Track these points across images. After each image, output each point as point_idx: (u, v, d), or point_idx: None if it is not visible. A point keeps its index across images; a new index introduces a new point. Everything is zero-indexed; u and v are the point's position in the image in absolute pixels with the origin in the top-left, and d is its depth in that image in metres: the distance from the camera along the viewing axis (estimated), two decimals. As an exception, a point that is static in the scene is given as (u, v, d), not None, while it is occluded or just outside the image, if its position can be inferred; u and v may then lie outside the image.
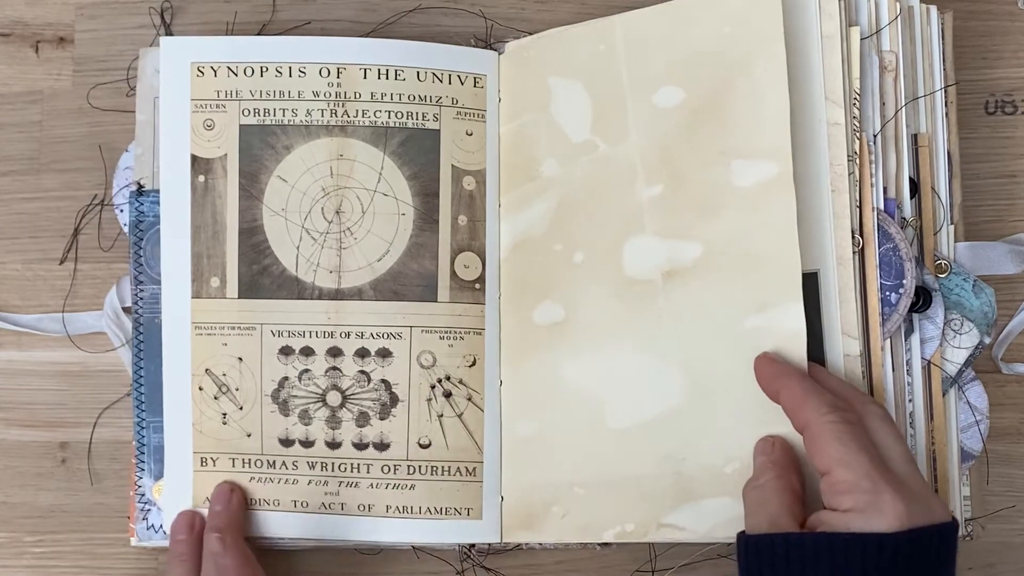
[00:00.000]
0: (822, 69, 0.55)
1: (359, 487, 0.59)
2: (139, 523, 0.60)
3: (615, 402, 0.57)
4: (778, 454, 0.52)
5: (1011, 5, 0.64)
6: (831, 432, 0.48)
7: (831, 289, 0.54)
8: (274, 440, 0.59)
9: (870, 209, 0.55)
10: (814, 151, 0.54)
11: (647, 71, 0.57)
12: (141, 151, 0.61)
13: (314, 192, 0.60)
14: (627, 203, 0.57)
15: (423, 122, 0.60)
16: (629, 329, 0.57)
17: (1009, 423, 0.61)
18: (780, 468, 0.51)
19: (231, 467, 0.59)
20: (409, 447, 0.59)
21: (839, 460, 0.47)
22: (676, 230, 0.56)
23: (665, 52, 0.57)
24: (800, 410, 0.50)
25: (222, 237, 0.60)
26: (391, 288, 0.59)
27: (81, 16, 0.64)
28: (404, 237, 0.60)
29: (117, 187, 0.62)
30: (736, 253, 0.54)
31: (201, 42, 0.60)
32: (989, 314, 0.58)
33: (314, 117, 0.60)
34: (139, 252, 0.60)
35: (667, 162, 0.56)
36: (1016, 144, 0.63)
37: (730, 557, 0.58)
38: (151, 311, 0.60)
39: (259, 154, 0.60)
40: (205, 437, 0.59)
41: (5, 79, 0.64)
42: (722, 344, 0.54)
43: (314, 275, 0.60)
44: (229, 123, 0.60)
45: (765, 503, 0.50)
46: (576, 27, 0.60)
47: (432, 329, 0.59)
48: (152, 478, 0.59)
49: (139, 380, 0.60)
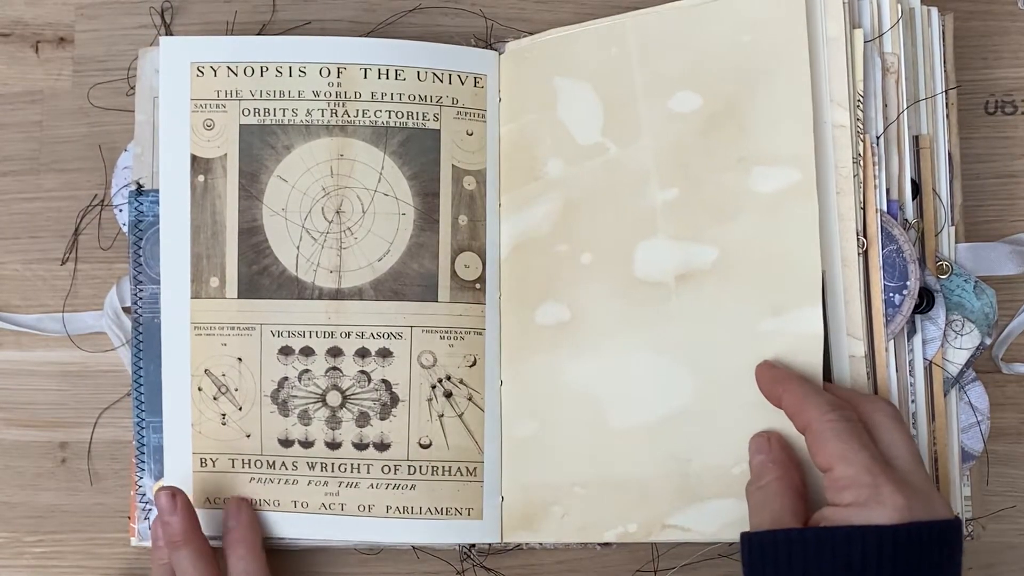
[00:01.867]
0: (827, 72, 0.55)
1: (359, 487, 0.59)
2: (140, 523, 0.60)
3: (619, 402, 0.57)
4: (776, 452, 0.52)
5: (1011, 5, 0.64)
6: (831, 430, 0.48)
7: (837, 290, 0.54)
8: (274, 440, 0.59)
9: (874, 211, 0.55)
10: (821, 154, 0.54)
11: (662, 75, 0.57)
12: (140, 151, 0.61)
13: (314, 192, 0.60)
14: (640, 205, 0.57)
15: (423, 122, 0.60)
16: (638, 330, 0.57)
17: (1009, 423, 0.61)
18: (782, 467, 0.51)
19: (231, 468, 0.59)
20: (410, 447, 0.59)
21: (840, 456, 0.48)
22: (691, 233, 0.56)
23: (681, 56, 0.57)
24: (801, 411, 0.50)
25: (222, 237, 0.60)
26: (391, 288, 0.59)
27: (81, 16, 0.64)
28: (405, 237, 0.60)
29: (116, 187, 0.62)
30: (754, 258, 0.54)
31: (201, 42, 0.60)
32: (990, 315, 0.58)
33: (314, 117, 0.60)
34: (138, 252, 0.60)
35: (682, 166, 0.56)
36: (1016, 144, 0.63)
37: (731, 557, 0.58)
38: (150, 311, 0.60)
39: (259, 154, 0.60)
40: (204, 438, 0.59)
41: (5, 79, 0.64)
42: (735, 346, 0.54)
43: (314, 275, 0.59)
44: (229, 123, 0.60)
45: (768, 503, 0.50)
46: (584, 27, 0.59)
47: (432, 329, 0.59)
48: (153, 478, 0.59)
49: (139, 380, 0.60)
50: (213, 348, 0.59)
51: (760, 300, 0.54)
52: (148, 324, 0.60)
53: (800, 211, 0.54)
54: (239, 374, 0.59)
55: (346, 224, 0.60)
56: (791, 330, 0.53)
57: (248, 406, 0.59)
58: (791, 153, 0.54)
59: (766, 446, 0.52)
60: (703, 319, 0.55)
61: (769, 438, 0.52)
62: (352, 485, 0.59)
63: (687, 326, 0.56)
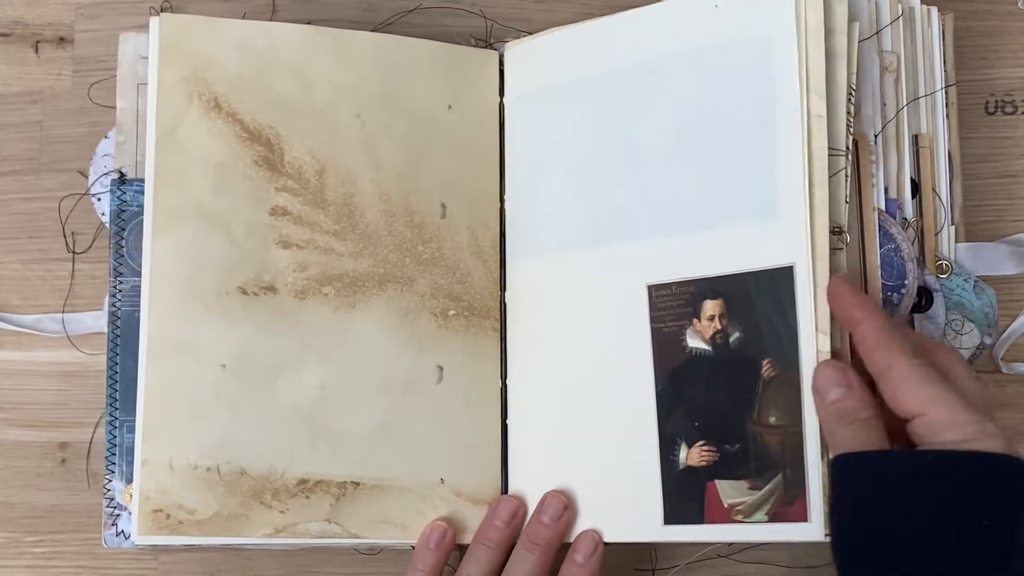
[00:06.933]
0: (805, 60, 0.53)
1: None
2: (107, 529, 0.58)
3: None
4: (861, 391, 0.49)
5: (1011, 5, 0.64)
6: (922, 376, 0.47)
7: (806, 284, 0.52)
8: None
9: (871, 209, 0.55)
10: (790, 142, 0.53)
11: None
12: (123, 139, 0.60)
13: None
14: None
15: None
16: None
17: (1009, 423, 0.61)
18: (874, 407, 0.48)
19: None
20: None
21: (935, 399, 0.46)
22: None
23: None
24: (882, 351, 0.48)
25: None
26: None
27: (81, 16, 0.64)
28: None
29: (95, 175, 0.61)
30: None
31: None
32: (990, 315, 0.58)
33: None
34: (120, 242, 0.59)
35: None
36: (1016, 144, 0.63)
37: (730, 557, 0.58)
38: (130, 304, 0.59)
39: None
40: None
41: (5, 79, 0.64)
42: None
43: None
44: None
45: (861, 435, 0.47)
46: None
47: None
48: (124, 480, 0.58)
49: (113, 376, 0.59)
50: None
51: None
52: (127, 318, 0.59)
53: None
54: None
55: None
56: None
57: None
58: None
59: (845, 380, 0.49)
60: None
61: (845, 370, 0.49)
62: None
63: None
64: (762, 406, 0.52)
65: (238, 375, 0.55)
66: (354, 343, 0.57)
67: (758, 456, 0.52)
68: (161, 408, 0.54)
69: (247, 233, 0.56)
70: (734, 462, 0.53)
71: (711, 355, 0.54)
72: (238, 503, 0.54)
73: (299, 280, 0.56)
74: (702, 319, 0.54)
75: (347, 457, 0.56)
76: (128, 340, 0.58)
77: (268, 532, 0.55)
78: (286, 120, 0.57)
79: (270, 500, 0.55)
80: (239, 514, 0.54)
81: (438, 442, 0.57)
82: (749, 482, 0.52)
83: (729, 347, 0.53)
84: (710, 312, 0.54)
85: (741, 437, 0.52)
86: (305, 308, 0.56)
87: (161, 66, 0.56)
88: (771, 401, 0.52)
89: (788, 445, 0.51)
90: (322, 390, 0.56)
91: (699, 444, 0.54)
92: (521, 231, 0.60)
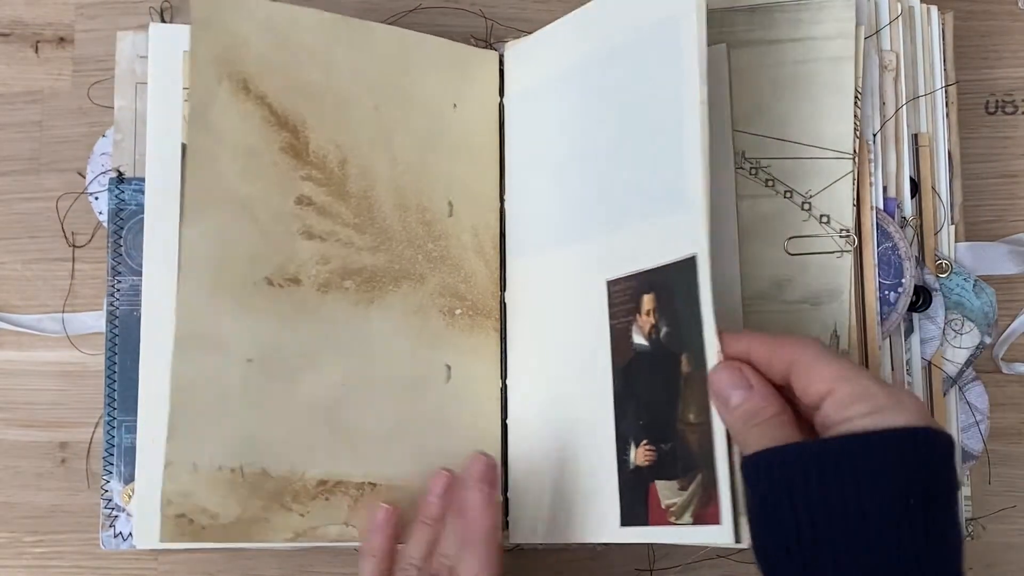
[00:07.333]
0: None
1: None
2: (105, 531, 0.58)
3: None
4: (763, 388, 0.46)
5: (1011, 5, 0.64)
6: (821, 355, 0.45)
7: (707, 276, 0.49)
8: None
9: (868, 208, 0.55)
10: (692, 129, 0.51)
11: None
12: (121, 137, 0.60)
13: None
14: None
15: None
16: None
17: (1009, 423, 0.61)
18: (779, 403, 0.46)
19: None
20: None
21: (839, 376, 0.44)
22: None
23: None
24: (785, 347, 0.46)
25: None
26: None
27: (81, 16, 0.65)
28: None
29: (92, 173, 0.61)
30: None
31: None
32: (990, 314, 0.58)
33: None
34: (118, 242, 0.59)
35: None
36: (1016, 144, 0.63)
37: (729, 557, 0.58)
38: (129, 303, 0.58)
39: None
40: None
41: (5, 79, 0.64)
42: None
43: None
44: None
45: (770, 434, 0.45)
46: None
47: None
48: (121, 482, 0.58)
49: (112, 376, 0.58)
50: None
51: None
52: (125, 317, 0.59)
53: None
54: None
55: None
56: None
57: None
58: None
59: (745, 382, 0.47)
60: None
61: (742, 369, 0.47)
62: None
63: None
64: (684, 403, 0.49)
65: (264, 370, 0.53)
66: (372, 339, 0.56)
67: (683, 455, 0.49)
68: (188, 406, 0.51)
69: (274, 222, 0.54)
70: (668, 461, 0.50)
71: (649, 351, 0.51)
72: (260, 506, 0.52)
73: (322, 273, 0.55)
74: (642, 314, 0.52)
75: (364, 457, 0.55)
76: (126, 339, 0.58)
77: (288, 537, 0.52)
78: (310, 107, 0.56)
79: (290, 503, 0.53)
80: (260, 518, 0.52)
81: (445, 442, 0.57)
82: (679, 482, 0.49)
83: (660, 342, 0.51)
84: (647, 307, 0.52)
85: (672, 436, 0.50)
86: (327, 302, 0.55)
87: (194, 43, 0.54)
88: (691, 397, 0.49)
89: (704, 444, 0.48)
90: (343, 387, 0.55)
91: (644, 443, 0.51)
92: (517, 231, 0.60)
